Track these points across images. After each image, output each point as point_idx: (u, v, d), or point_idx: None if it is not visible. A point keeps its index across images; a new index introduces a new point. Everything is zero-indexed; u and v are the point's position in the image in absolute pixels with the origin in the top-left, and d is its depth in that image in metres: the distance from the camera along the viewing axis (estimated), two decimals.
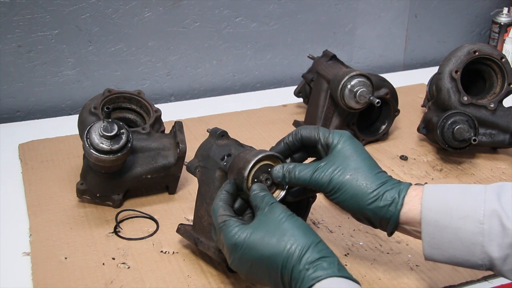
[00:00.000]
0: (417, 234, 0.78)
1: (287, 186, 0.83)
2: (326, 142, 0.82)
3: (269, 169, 0.82)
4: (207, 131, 0.94)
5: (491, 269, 0.75)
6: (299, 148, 0.85)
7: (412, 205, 0.76)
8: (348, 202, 0.78)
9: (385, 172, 0.80)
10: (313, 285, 0.68)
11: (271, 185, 0.82)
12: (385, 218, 0.77)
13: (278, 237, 0.72)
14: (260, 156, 0.81)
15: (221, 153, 0.88)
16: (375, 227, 0.80)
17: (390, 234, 0.79)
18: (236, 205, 0.81)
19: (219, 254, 0.84)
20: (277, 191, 0.83)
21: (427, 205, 0.75)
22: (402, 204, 0.76)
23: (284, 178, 0.81)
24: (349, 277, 0.69)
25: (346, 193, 0.78)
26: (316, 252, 0.70)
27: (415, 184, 0.80)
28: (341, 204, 0.79)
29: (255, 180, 0.81)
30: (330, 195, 0.79)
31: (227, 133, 0.92)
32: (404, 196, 0.77)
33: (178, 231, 0.93)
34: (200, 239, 0.88)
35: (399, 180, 0.80)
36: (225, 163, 0.87)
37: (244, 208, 0.82)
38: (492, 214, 0.72)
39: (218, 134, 0.91)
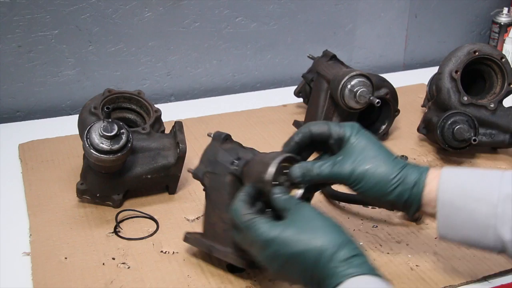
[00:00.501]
0: (435, 216, 0.80)
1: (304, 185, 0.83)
2: (338, 136, 0.84)
3: (284, 170, 0.81)
4: (209, 135, 0.93)
5: (503, 252, 0.77)
6: (308, 145, 0.86)
7: (431, 187, 0.79)
8: (372, 191, 0.80)
9: (399, 157, 0.83)
10: (343, 281, 0.68)
11: (289, 186, 0.82)
12: (408, 201, 0.80)
13: (310, 234, 0.72)
14: (280, 158, 0.80)
15: (230, 157, 0.87)
16: (398, 210, 0.84)
17: (411, 216, 0.85)
18: (256, 207, 0.81)
19: (239, 259, 0.84)
20: (294, 191, 0.83)
21: (444, 186, 0.78)
22: (424, 186, 0.79)
23: (303, 177, 0.82)
24: (380, 275, 0.69)
25: (369, 182, 0.80)
26: (349, 250, 0.70)
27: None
28: (365, 193, 0.81)
29: (274, 182, 0.80)
30: (353, 186, 0.81)
31: (230, 136, 0.92)
32: (425, 178, 0.80)
33: (186, 240, 0.90)
34: (215, 246, 0.87)
35: (416, 164, 0.83)
36: (236, 167, 0.86)
37: (262, 211, 0.81)
38: (507, 198, 0.75)
39: (222, 138, 0.90)
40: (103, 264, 0.90)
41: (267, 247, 0.74)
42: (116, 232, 0.98)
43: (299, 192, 0.83)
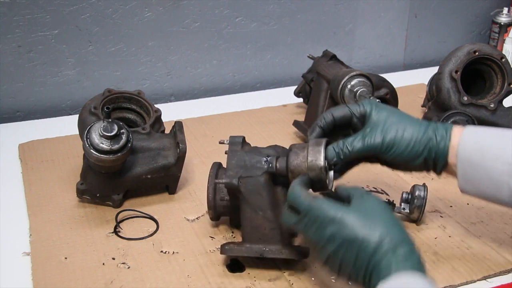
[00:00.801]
0: (456, 171, 0.85)
1: (333, 166, 0.87)
2: (360, 113, 0.89)
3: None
4: (221, 142, 0.91)
5: None
6: (331, 130, 0.90)
7: (455, 142, 0.85)
8: (405, 153, 0.85)
9: (425, 120, 0.89)
10: (391, 275, 0.68)
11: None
12: (437, 156, 0.85)
13: (373, 223, 0.72)
14: (324, 144, 0.84)
15: (258, 157, 0.87)
16: (428, 169, 0.87)
17: (439, 172, 0.87)
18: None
19: (293, 252, 0.86)
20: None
21: (464, 144, 0.84)
22: (450, 139, 0.85)
23: (339, 156, 0.86)
24: (428, 277, 0.70)
25: (401, 145, 0.85)
26: (406, 247, 0.71)
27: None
28: (398, 157, 0.86)
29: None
30: (387, 152, 0.86)
31: (245, 138, 0.92)
32: (450, 134, 0.85)
33: (225, 252, 0.88)
34: (264, 248, 0.87)
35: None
36: (270, 165, 0.86)
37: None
38: None
39: (242, 142, 0.90)
40: (103, 264, 0.90)
41: (328, 226, 0.73)
42: (116, 232, 0.98)
43: (331, 174, 0.86)
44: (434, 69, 1.31)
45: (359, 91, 1.15)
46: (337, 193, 0.81)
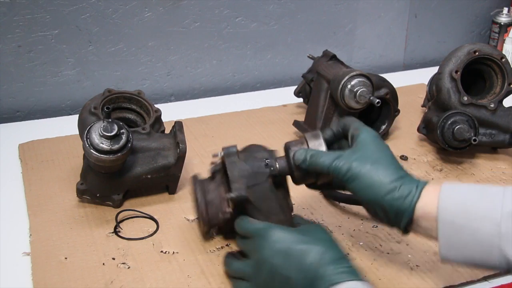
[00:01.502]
0: (431, 234, 0.78)
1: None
2: (353, 133, 0.85)
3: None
4: (215, 155, 0.89)
5: (510, 271, 0.74)
6: (342, 136, 0.89)
7: (428, 199, 0.77)
8: (364, 192, 0.79)
9: (404, 170, 0.81)
10: (340, 283, 0.71)
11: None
12: (400, 210, 0.77)
13: (316, 240, 0.77)
14: (321, 137, 0.86)
15: (257, 162, 0.87)
16: (390, 224, 0.80)
17: (404, 229, 0.79)
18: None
19: None
20: None
21: (444, 204, 0.75)
22: (418, 197, 0.77)
23: (304, 161, 0.84)
24: (367, 281, 0.72)
25: (363, 182, 0.79)
26: (349, 263, 0.75)
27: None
28: (358, 193, 0.80)
29: None
30: (348, 183, 0.80)
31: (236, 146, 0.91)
32: (421, 190, 0.77)
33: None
34: None
35: (417, 177, 0.80)
36: (272, 168, 0.86)
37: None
38: (510, 216, 0.72)
39: (236, 150, 0.88)
40: (103, 264, 0.90)
41: (274, 239, 0.78)
42: (116, 232, 0.98)
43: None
44: (434, 69, 1.31)
45: (359, 91, 1.15)
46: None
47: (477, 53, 1.21)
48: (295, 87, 1.41)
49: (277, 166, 0.87)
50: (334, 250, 0.76)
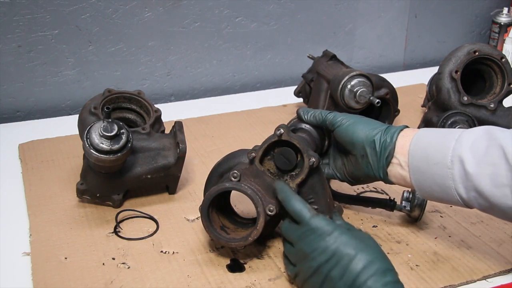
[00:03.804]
0: (406, 180, 0.86)
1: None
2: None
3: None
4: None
5: (468, 207, 0.83)
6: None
7: (403, 142, 0.86)
8: (359, 133, 0.89)
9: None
10: None
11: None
12: (386, 143, 0.86)
13: (367, 246, 0.77)
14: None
15: (260, 173, 0.88)
16: (374, 169, 0.88)
17: (386, 166, 0.87)
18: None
19: None
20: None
21: (412, 152, 0.85)
22: (397, 137, 0.86)
23: (302, 116, 0.96)
24: None
25: (352, 126, 0.90)
26: (394, 277, 0.76)
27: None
28: (353, 134, 0.89)
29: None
30: (338, 126, 0.91)
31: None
32: (401, 130, 0.87)
33: None
34: None
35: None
36: (236, 175, 0.87)
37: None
38: (456, 159, 0.80)
39: (222, 174, 0.93)
40: (103, 264, 0.90)
41: (325, 238, 0.78)
42: (116, 232, 0.98)
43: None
44: (434, 69, 1.31)
45: (359, 91, 1.15)
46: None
47: (477, 53, 1.21)
48: (295, 87, 1.41)
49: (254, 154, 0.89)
50: (381, 261, 0.75)
